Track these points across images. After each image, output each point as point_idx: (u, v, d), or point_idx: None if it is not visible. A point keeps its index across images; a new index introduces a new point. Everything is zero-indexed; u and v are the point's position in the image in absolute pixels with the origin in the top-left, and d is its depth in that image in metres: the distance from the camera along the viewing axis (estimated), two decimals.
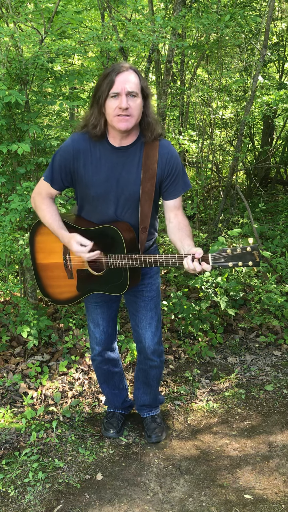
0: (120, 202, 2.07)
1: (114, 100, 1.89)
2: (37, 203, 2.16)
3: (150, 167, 2.02)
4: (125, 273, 2.08)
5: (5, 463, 2.39)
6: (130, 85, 1.88)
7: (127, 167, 2.03)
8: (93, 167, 2.03)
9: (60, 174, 2.07)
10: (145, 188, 2.03)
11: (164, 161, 2.04)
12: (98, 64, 4.51)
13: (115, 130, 1.96)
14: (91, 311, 2.38)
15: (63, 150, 2.06)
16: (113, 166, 2.02)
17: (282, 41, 6.09)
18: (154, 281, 2.32)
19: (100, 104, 1.93)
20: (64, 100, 3.18)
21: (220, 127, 6.02)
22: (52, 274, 2.27)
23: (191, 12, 3.95)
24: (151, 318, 2.35)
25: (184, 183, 2.13)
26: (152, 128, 2.01)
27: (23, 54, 3.04)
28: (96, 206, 2.09)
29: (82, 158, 2.02)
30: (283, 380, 3.14)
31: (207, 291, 3.49)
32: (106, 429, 2.60)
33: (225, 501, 2.20)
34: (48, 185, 2.11)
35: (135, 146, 2.03)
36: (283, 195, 7.14)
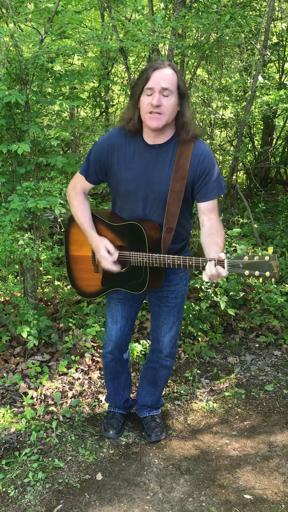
0: (149, 200, 2.06)
1: (148, 97, 1.89)
2: (71, 198, 2.20)
3: (182, 167, 2.00)
4: (145, 272, 2.08)
5: (5, 463, 2.39)
6: (164, 82, 1.86)
7: (159, 165, 2.02)
8: (125, 162, 2.03)
9: (94, 168, 2.10)
10: (174, 188, 2.01)
11: (197, 162, 2.00)
12: (98, 64, 4.52)
13: (147, 127, 1.97)
14: (112, 306, 2.38)
15: (99, 144, 2.09)
16: (145, 164, 2.02)
17: (282, 41, 6.09)
18: (181, 288, 2.30)
19: (135, 99, 1.93)
20: (64, 100, 3.18)
21: (220, 127, 6.02)
22: (81, 266, 2.32)
23: (191, 12, 3.94)
24: (172, 324, 2.36)
25: (219, 187, 2.07)
26: (187, 128, 1.98)
27: (23, 54, 3.04)
28: (126, 202, 2.10)
29: (116, 153, 2.04)
30: (283, 380, 3.14)
31: (207, 291, 3.49)
32: (106, 429, 2.60)
33: (225, 501, 2.20)
34: (83, 179, 2.15)
35: (169, 145, 2.01)
36: (283, 195, 7.14)
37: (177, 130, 2.01)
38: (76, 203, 2.18)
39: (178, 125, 2.00)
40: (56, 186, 2.93)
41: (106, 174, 2.11)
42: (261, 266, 1.78)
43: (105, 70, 4.58)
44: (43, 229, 4.09)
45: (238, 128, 5.50)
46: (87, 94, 5.21)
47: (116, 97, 6.53)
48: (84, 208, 2.18)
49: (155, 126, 1.91)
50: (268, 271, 1.77)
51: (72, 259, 2.36)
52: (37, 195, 2.93)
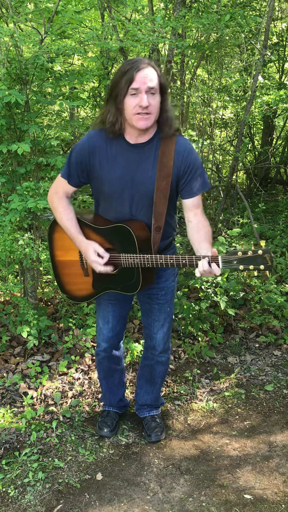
0: (135, 199, 2.05)
1: (134, 98, 1.86)
2: (54, 204, 2.15)
3: (165, 165, 1.99)
4: (138, 273, 2.07)
5: (5, 463, 2.39)
6: (150, 82, 1.85)
7: (143, 164, 2.01)
8: (108, 164, 2.02)
9: (76, 171, 2.07)
10: (160, 186, 2.01)
11: (181, 159, 2.00)
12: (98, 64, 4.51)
13: (133, 128, 1.94)
14: (103, 307, 2.37)
15: (80, 146, 2.05)
16: (128, 164, 2.01)
17: (282, 41, 6.09)
18: (170, 284, 2.30)
19: (118, 101, 1.89)
20: (64, 100, 3.18)
21: (220, 127, 6.02)
22: (69, 271, 2.29)
23: (191, 12, 3.94)
24: (164, 320, 2.36)
25: (203, 182, 2.07)
26: (170, 123, 1.98)
27: (23, 54, 3.04)
28: (111, 203, 2.09)
29: (98, 154, 2.02)
30: (283, 380, 3.14)
31: (207, 291, 3.49)
32: (100, 428, 2.60)
33: (225, 501, 2.20)
34: (65, 182, 2.11)
35: (152, 143, 2.01)
36: (283, 195, 7.14)
37: (160, 126, 2.00)
38: (61, 209, 2.13)
39: (161, 121, 1.99)
40: None
41: (88, 176, 2.09)
42: (255, 260, 1.79)
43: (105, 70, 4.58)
44: (43, 229, 4.09)
45: (238, 128, 5.50)
46: (87, 94, 5.21)
47: None
48: (69, 213, 2.13)
49: (145, 126, 1.90)
50: (262, 264, 1.78)
51: (58, 264, 2.32)
52: (37, 195, 2.93)
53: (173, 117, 2.00)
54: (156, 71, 1.89)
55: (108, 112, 1.95)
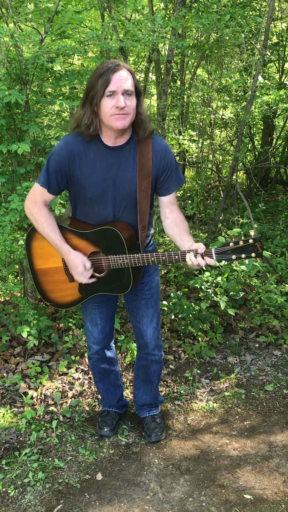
0: (117, 201, 2.06)
1: (110, 100, 1.87)
2: (35, 215, 2.09)
3: (145, 165, 2.03)
4: (128, 273, 2.08)
5: (5, 463, 2.39)
6: (126, 83, 1.88)
7: (123, 166, 2.03)
8: (88, 168, 2.01)
9: (56, 178, 2.04)
10: (142, 186, 2.04)
11: (159, 158, 2.05)
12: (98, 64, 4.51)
13: (110, 129, 1.95)
14: (90, 311, 2.37)
15: (57, 154, 2.01)
16: (108, 167, 2.02)
17: (282, 41, 6.09)
18: (153, 278, 2.33)
19: (95, 103, 1.91)
20: (64, 100, 3.18)
21: (220, 127, 6.01)
22: (52, 278, 2.25)
23: (191, 12, 3.94)
24: (152, 315, 2.37)
25: (178, 178, 2.14)
26: (145, 125, 2.01)
27: (23, 54, 3.04)
28: (93, 207, 2.08)
29: (77, 160, 2.01)
30: (283, 380, 3.14)
31: (207, 291, 3.49)
32: (101, 427, 2.60)
33: (225, 501, 2.20)
34: (44, 191, 2.07)
35: (129, 145, 2.03)
36: (283, 195, 7.14)
37: (135, 129, 2.02)
38: (42, 219, 2.07)
39: (135, 124, 2.01)
40: None
41: (68, 182, 2.07)
42: (246, 249, 1.88)
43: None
44: None
45: (238, 128, 5.50)
46: None
47: None
48: (51, 222, 2.08)
49: (122, 126, 1.91)
50: (253, 252, 1.87)
51: (39, 272, 2.27)
52: None
53: (148, 120, 2.03)
54: (131, 74, 1.92)
55: (83, 114, 1.95)
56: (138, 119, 2.00)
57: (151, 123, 2.07)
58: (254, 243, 1.86)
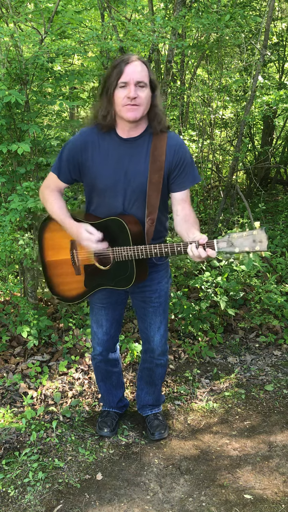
0: (128, 193, 2.06)
1: (123, 90, 1.90)
2: (46, 195, 2.17)
3: (158, 158, 2.01)
4: (131, 266, 2.05)
5: (5, 463, 2.39)
6: (138, 75, 1.89)
7: (135, 158, 2.03)
8: (101, 158, 2.03)
9: (68, 167, 2.09)
10: (152, 179, 2.02)
11: (172, 152, 2.03)
12: (98, 64, 4.51)
13: (123, 121, 1.97)
14: (96, 311, 2.37)
15: (72, 142, 2.08)
16: (120, 158, 2.03)
17: (282, 41, 6.09)
18: (163, 286, 2.30)
19: (109, 94, 1.94)
20: (64, 100, 3.18)
21: (220, 127, 6.01)
22: (60, 271, 2.27)
23: (191, 12, 3.94)
24: (160, 323, 2.36)
25: (193, 176, 2.10)
26: (159, 118, 2.01)
27: (23, 54, 3.04)
28: (104, 199, 2.09)
29: (90, 149, 2.04)
30: (283, 380, 3.14)
31: (207, 291, 3.49)
32: (100, 428, 2.60)
33: (225, 501, 2.20)
34: (56, 177, 2.13)
35: (143, 137, 2.03)
36: (283, 195, 7.14)
37: (150, 122, 2.03)
38: (52, 199, 2.15)
39: (150, 117, 2.02)
40: None
41: (80, 172, 2.09)
42: (250, 241, 1.78)
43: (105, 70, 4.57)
44: None
45: (238, 128, 5.49)
46: (87, 94, 5.21)
47: None
48: (60, 203, 2.15)
49: (133, 117, 1.93)
50: (257, 245, 1.77)
51: (49, 265, 2.30)
52: (37, 195, 2.93)
53: (163, 114, 2.04)
54: (146, 67, 1.94)
55: (100, 106, 2.00)
56: (153, 112, 2.01)
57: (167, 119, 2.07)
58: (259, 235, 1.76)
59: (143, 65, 1.93)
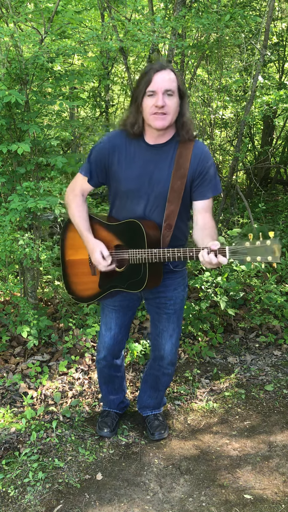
0: (150, 199, 2.07)
1: (151, 98, 1.91)
2: (69, 200, 2.22)
3: (182, 166, 2.02)
4: (144, 269, 2.06)
5: (5, 463, 2.39)
6: (167, 83, 1.90)
7: (160, 164, 2.04)
8: (126, 162, 2.05)
9: (96, 169, 2.12)
10: (174, 185, 2.03)
11: (197, 161, 2.03)
12: (98, 64, 4.51)
13: (151, 128, 1.99)
14: (106, 313, 2.38)
15: (100, 145, 2.11)
16: (146, 163, 2.04)
17: (282, 41, 6.09)
18: (179, 294, 2.29)
19: (138, 102, 1.96)
20: (64, 100, 3.18)
21: (220, 127, 6.02)
22: (78, 270, 2.31)
23: (191, 12, 3.94)
24: (172, 330, 2.36)
25: (215, 187, 2.09)
26: (187, 128, 2.02)
27: (23, 54, 3.04)
28: (126, 203, 2.11)
29: (117, 153, 2.06)
30: (283, 380, 3.14)
31: (207, 291, 3.49)
32: (100, 428, 2.60)
33: (225, 501, 2.20)
34: (85, 180, 2.16)
35: (170, 144, 2.04)
36: (283, 195, 7.14)
37: (177, 130, 2.04)
38: (73, 205, 2.19)
39: (178, 125, 2.03)
40: (56, 186, 2.93)
41: (107, 175, 2.12)
42: (262, 251, 1.74)
43: (105, 70, 4.58)
44: (43, 229, 4.09)
45: (238, 128, 5.49)
46: (87, 94, 5.21)
47: (116, 97, 6.54)
48: (81, 210, 2.19)
49: (161, 126, 1.94)
50: (270, 255, 1.73)
51: (68, 264, 2.35)
52: (37, 195, 2.93)
53: (190, 123, 2.03)
54: (175, 75, 1.95)
55: (129, 113, 2.02)
56: (181, 120, 2.01)
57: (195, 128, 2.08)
58: (272, 245, 1.71)
59: (171, 73, 1.93)
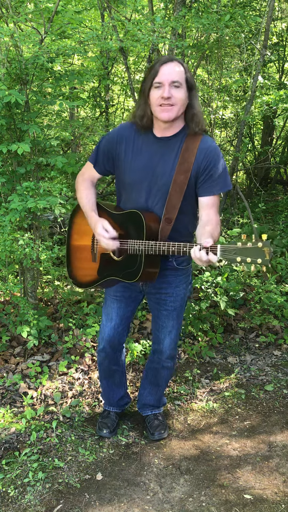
0: (153, 192, 2.07)
1: (158, 90, 1.92)
2: (78, 183, 2.27)
3: (187, 159, 2.01)
4: (140, 261, 2.06)
5: (5, 463, 2.39)
6: (173, 75, 1.91)
7: (165, 157, 2.04)
8: (133, 154, 2.07)
9: (103, 158, 2.16)
10: (177, 179, 2.02)
11: (202, 155, 2.01)
12: (98, 64, 4.51)
13: (158, 121, 1.99)
14: (108, 303, 2.39)
15: (109, 134, 2.16)
16: (151, 155, 2.05)
17: (282, 41, 6.09)
18: (180, 291, 2.29)
19: (145, 94, 1.97)
20: (64, 100, 3.17)
21: (220, 127, 6.02)
22: (80, 255, 2.35)
23: (191, 12, 3.94)
24: (172, 327, 2.36)
25: (223, 183, 2.06)
26: (197, 119, 2.01)
27: (23, 54, 3.04)
28: (131, 193, 2.12)
29: (124, 144, 2.08)
30: (283, 380, 3.14)
31: (207, 291, 3.49)
32: (100, 428, 2.60)
33: (225, 501, 2.20)
34: (91, 167, 2.21)
35: (177, 137, 2.04)
36: (283, 195, 7.14)
37: (187, 123, 2.04)
38: (82, 188, 2.24)
39: (187, 118, 2.03)
40: (56, 186, 2.93)
41: (113, 164, 2.16)
42: (253, 252, 1.75)
43: (105, 70, 4.58)
44: (43, 229, 4.09)
45: (238, 128, 5.50)
46: (87, 94, 5.20)
47: (116, 97, 6.53)
48: (89, 193, 2.23)
49: (167, 117, 1.94)
50: (260, 258, 1.74)
51: (72, 248, 2.39)
52: (37, 195, 2.93)
53: (201, 115, 2.02)
54: (182, 66, 1.95)
55: (138, 106, 2.04)
56: (190, 112, 2.01)
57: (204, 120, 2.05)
58: (263, 248, 1.73)
59: (179, 65, 1.94)
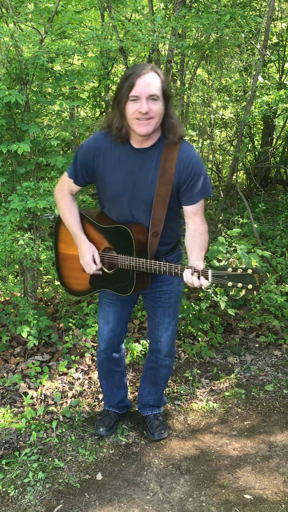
0: (136, 203, 2.05)
1: (134, 104, 1.86)
2: (58, 200, 2.21)
3: (167, 171, 1.99)
4: (132, 276, 2.08)
5: (5, 463, 2.39)
6: (150, 88, 1.84)
7: (144, 169, 2.01)
8: (111, 166, 2.03)
9: (81, 171, 2.11)
10: (160, 192, 2.00)
11: (182, 165, 1.99)
12: (98, 64, 4.51)
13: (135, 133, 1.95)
14: (104, 307, 2.39)
15: (85, 147, 2.09)
16: (130, 167, 2.02)
17: (282, 41, 6.09)
18: (174, 288, 2.29)
19: (121, 107, 1.90)
20: (64, 100, 3.18)
21: (220, 127, 6.02)
22: (70, 265, 2.33)
23: (191, 12, 3.94)
24: (168, 323, 2.36)
25: (203, 189, 2.06)
26: (174, 129, 1.97)
27: (23, 54, 3.04)
28: (114, 205, 2.11)
29: (102, 156, 2.03)
30: (283, 380, 3.14)
31: (207, 291, 3.49)
32: (97, 426, 2.61)
33: (225, 501, 2.20)
34: (71, 181, 2.15)
35: (155, 148, 2.00)
36: (283, 195, 7.14)
37: (164, 133, 1.99)
38: (64, 206, 2.18)
39: (165, 128, 1.98)
40: None
41: (92, 176, 2.11)
42: (244, 278, 1.77)
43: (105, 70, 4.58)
44: (43, 229, 4.09)
45: (238, 128, 5.49)
46: (87, 94, 5.21)
47: None
48: (72, 210, 2.18)
49: (145, 132, 1.90)
50: (250, 283, 1.76)
51: (61, 256, 2.38)
52: (37, 195, 2.93)
53: (178, 124, 1.99)
54: (159, 77, 1.89)
55: (113, 118, 1.96)
56: (168, 122, 1.96)
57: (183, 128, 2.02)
58: (253, 274, 1.75)
59: (155, 77, 1.87)
